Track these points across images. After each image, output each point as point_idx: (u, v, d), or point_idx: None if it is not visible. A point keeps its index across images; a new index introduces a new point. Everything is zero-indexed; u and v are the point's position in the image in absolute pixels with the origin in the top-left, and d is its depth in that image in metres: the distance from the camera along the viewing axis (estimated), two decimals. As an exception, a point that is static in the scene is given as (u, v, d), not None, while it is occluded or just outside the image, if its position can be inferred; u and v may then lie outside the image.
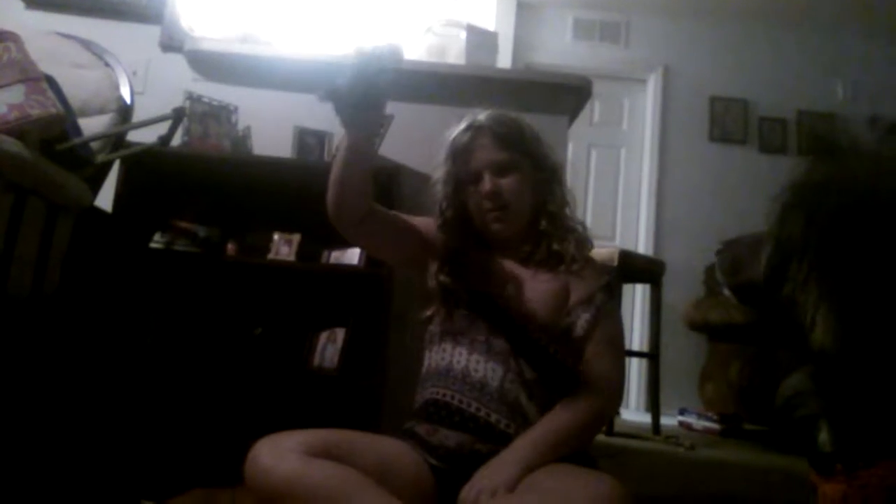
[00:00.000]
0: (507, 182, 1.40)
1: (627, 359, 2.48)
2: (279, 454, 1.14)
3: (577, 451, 1.28)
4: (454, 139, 1.44)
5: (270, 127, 2.53)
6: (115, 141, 2.10)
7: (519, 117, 1.48)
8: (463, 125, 1.45)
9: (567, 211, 1.47)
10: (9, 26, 1.77)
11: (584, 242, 1.45)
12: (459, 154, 1.43)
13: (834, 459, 0.75)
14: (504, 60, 4.15)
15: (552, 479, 1.15)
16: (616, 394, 1.41)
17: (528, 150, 1.44)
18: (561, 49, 4.96)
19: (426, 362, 1.41)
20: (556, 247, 1.40)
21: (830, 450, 0.77)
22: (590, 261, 1.45)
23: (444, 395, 1.31)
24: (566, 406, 1.28)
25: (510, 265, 1.42)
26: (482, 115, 1.45)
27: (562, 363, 1.33)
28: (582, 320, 1.35)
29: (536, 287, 1.37)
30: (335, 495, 1.11)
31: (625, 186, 4.99)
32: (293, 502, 1.11)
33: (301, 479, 1.11)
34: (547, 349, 1.32)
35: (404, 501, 1.13)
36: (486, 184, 1.39)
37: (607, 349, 1.36)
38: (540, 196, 1.44)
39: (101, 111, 2.12)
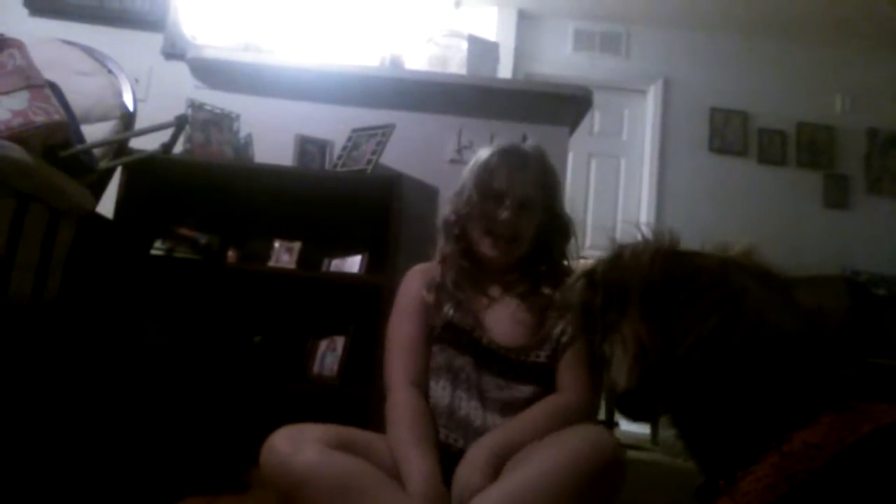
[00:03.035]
0: (524, 219, 1.42)
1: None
2: (298, 444, 1.15)
3: None
4: (497, 151, 1.46)
5: (272, 135, 2.54)
6: (118, 148, 2.11)
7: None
8: (509, 144, 1.49)
9: (564, 263, 1.49)
10: (12, 33, 1.77)
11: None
12: (497, 167, 1.44)
13: (713, 483, 0.77)
14: (505, 71, 4.17)
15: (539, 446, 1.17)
16: (584, 406, 1.32)
17: (552, 200, 1.48)
18: (561, 60, 4.98)
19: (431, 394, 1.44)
20: (545, 290, 1.41)
21: (703, 475, 0.81)
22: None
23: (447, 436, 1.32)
24: (526, 416, 1.29)
25: (493, 292, 1.46)
26: (531, 146, 1.49)
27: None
28: (563, 328, 1.34)
29: (512, 318, 1.39)
30: (353, 487, 1.11)
31: (625, 196, 5.01)
32: (311, 492, 1.11)
33: (320, 468, 1.12)
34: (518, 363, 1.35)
35: None
36: (509, 212, 1.40)
37: (579, 360, 1.32)
38: (541, 238, 1.47)
39: (103, 118, 2.13)
